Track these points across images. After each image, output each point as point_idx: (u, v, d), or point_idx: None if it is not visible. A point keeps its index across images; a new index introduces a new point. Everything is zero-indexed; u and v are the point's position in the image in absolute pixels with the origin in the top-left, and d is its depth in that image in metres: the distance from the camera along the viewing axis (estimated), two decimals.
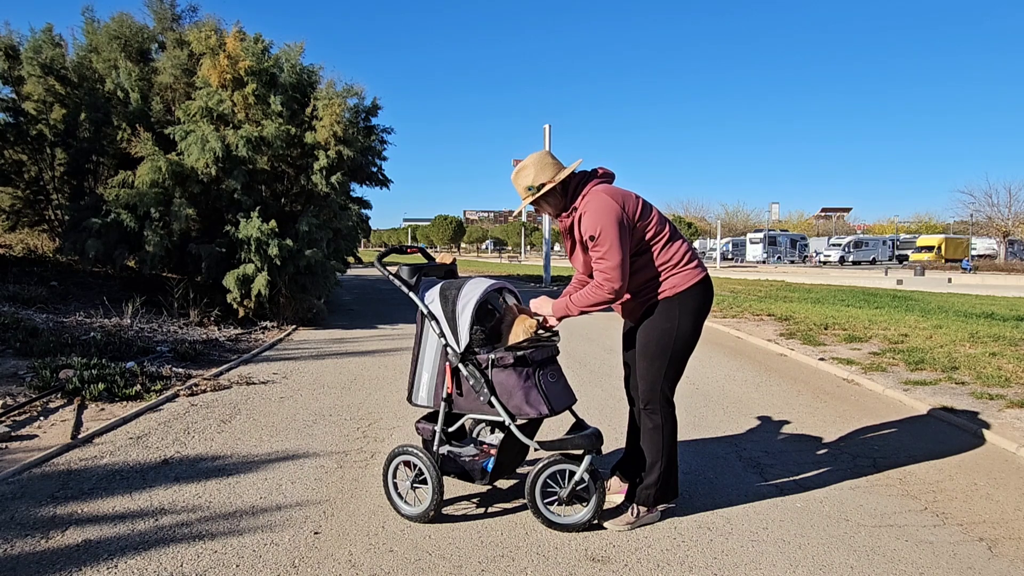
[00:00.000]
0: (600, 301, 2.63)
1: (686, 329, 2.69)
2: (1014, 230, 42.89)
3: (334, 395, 5.06)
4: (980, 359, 6.15)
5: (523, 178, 2.73)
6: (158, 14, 10.56)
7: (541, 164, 2.72)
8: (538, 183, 2.70)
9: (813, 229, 71.52)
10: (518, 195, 2.83)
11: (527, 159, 2.76)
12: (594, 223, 2.57)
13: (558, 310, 2.75)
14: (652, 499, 2.75)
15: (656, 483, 2.73)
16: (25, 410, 4.23)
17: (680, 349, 2.71)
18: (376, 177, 11.28)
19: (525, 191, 2.74)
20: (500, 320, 2.79)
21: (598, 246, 2.58)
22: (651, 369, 2.71)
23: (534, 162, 2.73)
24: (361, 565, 2.42)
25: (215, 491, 3.10)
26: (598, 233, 2.56)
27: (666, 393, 2.73)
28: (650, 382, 2.71)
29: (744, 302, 12.22)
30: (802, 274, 28.41)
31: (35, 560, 2.40)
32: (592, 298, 2.64)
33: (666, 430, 2.72)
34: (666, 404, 2.73)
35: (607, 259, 2.56)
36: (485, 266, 34.61)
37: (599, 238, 2.56)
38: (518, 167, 2.76)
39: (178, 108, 8.94)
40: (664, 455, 2.72)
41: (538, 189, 2.69)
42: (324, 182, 8.84)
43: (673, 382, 2.75)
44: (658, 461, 2.72)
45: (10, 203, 10.43)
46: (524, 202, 2.78)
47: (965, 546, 2.62)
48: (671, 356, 2.69)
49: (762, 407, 4.80)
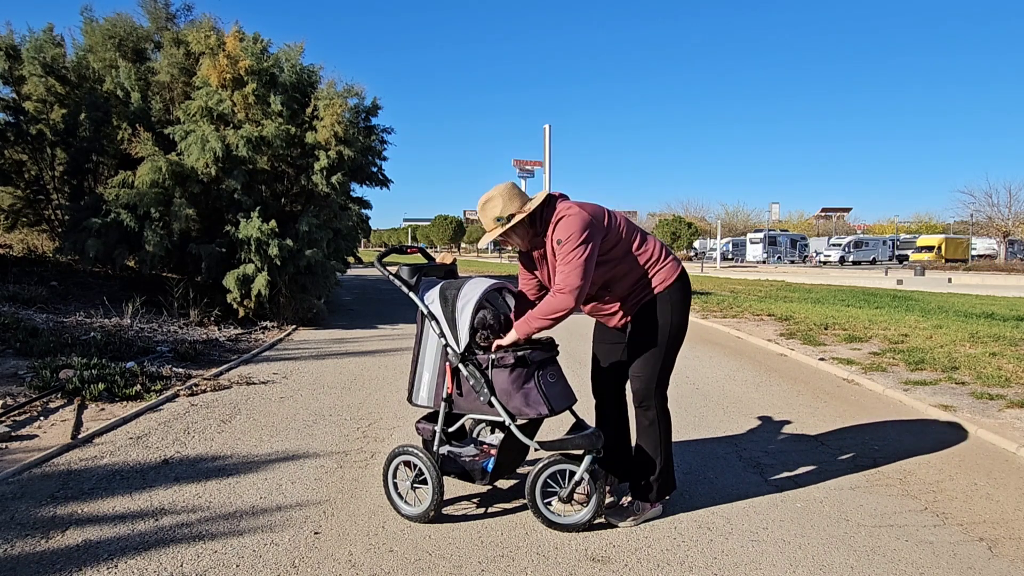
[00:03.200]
0: (560, 308, 2.55)
1: (678, 322, 2.75)
2: (1014, 230, 42.87)
3: (334, 395, 5.06)
4: (980, 359, 6.15)
5: (491, 209, 2.67)
6: (152, 14, 10.56)
7: (509, 195, 2.68)
8: (506, 214, 2.65)
9: (813, 229, 71.51)
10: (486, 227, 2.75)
11: (493, 190, 2.71)
12: (565, 229, 2.56)
13: (520, 329, 2.64)
14: (656, 494, 2.79)
15: (658, 478, 2.77)
16: (25, 410, 4.23)
17: (674, 343, 2.76)
18: (376, 177, 11.27)
19: (493, 222, 2.68)
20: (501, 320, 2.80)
21: (562, 250, 2.55)
22: (647, 366, 2.73)
23: (501, 193, 2.68)
24: (361, 565, 2.42)
25: (215, 491, 3.10)
26: (566, 237, 2.55)
27: (662, 388, 2.77)
28: (647, 379, 2.74)
29: (744, 302, 12.22)
30: (802, 274, 28.40)
31: (35, 560, 2.40)
32: (547, 308, 2.57)
33: (663, 425, 2.77)
34: (661, 399, 2.77)
35: (570, 263, 2.53)
36: (485, 266, 34.61)
37: (566, 242, 2.55)
38: (485, 198, 2.71)
39: (178, 108, 8.94)
40: (663, 449, 2.76)
41: (507, 220, 2.65)
42: (324, 182, 8.84)
43: (668, 377, 2.80)
44: (658, 456, 2.76)
45: (10, 203, 10.43)
46: (492, 233, 2.72)
47: (965, 546, 2.62)
48: (666, 351, 2.74)
49: (762, 407, 4.80)
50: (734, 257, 53.34)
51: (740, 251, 53.11)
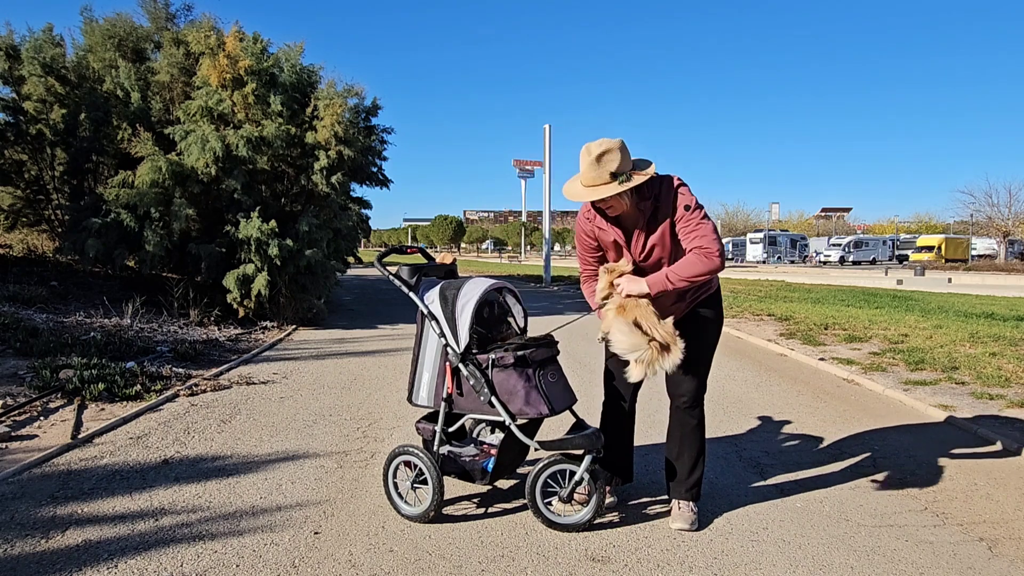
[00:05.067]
0: (706, 270, 2.41)
1: (723, 321, 2.84)
2: (1014, 230, 42.85)
3: (334, 395, 5.06)
4: (980, 359, 6.15)
5: (608, 162, 2.41)
6: (152, 14, 10.56)
7: (625, 151, 2.44)
8: (625, 171, 2.42)
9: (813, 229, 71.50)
10: (587, 180, 2.46)
11: (607, 142, 2.43)
12: (687, 197, 2.48)
13: (655, 284, 2.49)
14: (698, 493, 2.84)
15: (701, 477, 2.83)
16: (25, 410, 4.23)
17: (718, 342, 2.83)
18: (376, 177, 11.28)
19: (608, 176, 2.41)
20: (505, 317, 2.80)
21: (693, 215, 2.44)
22: (701, 368, 2.77)
23: (620, 147, 2.43)
24: (361, 565, 2.42)
25: (215, 491, 3.10)
26: (694, 204, 2.46)
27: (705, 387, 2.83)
28: (699, 381, 2.78)
29: (744, 302, 12.21)
30: (802, 274, 28.39)
31: (35, 560, 2.40)
32: (696, 267, 2.42)
33: (704, 425, 2.84)
34: (703, 400, 2.83)
35: (704, 225, 2.43)
36: (485, 266, 34.60)
37: (694, 208, 2.46)
38: (601, 149, 2.41)
39: (177, 108, 8.94)
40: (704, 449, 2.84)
41: (627, 177, 2.42)
42: (324, 182, 8.84)
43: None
44: (703, 455, 2.82)
45: (10, 203, 10.43)
46: (605, 190, 2.43)
47: (965, 546, 2.62)
48: (715, 350, 2.81)
49: (762, 407, 4.80)
50: (734, 257, 53.32)
51: (740, 251, 53.11)
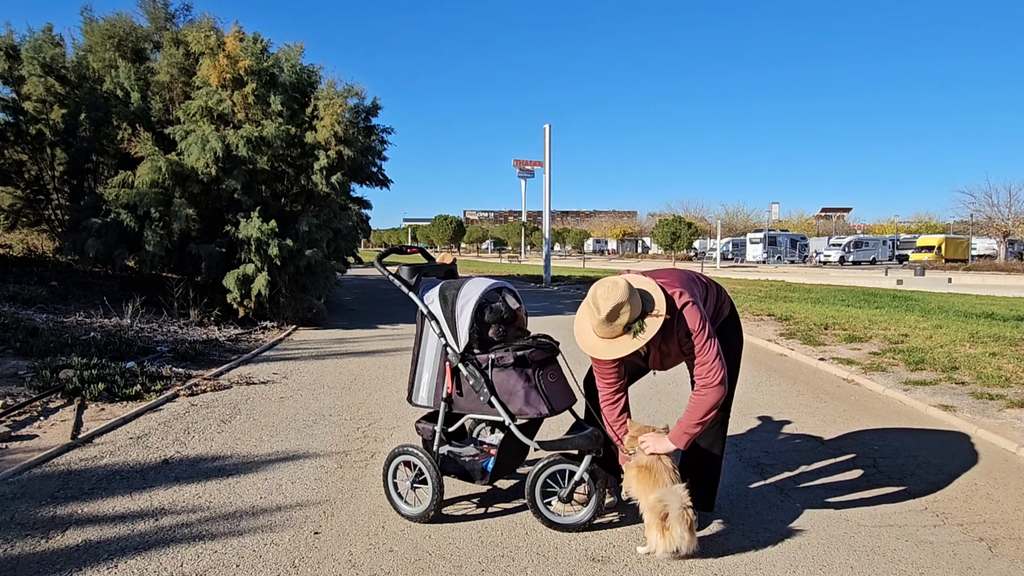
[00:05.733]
0: (714, 404, 2.43)
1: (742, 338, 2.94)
2: (1014, 230, 42.82)
3: (334, 395, 5.06)
4: (980, 359, 6.15)
5: (621, 317, 2.40)
6: (151, 14, 10.56)
7: (632, 296, 2.40)
8: (637, 316, 2.42)
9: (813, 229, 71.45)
10: (603, 334, 2.45)
11: (613, 294, 2.38)
12: (692, 319, 2.46)
13: (677, 440, 2.50)
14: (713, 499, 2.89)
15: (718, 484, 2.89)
16: (25, 410, 4.23)
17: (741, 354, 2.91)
18: (376, 177, 11.28)
19: (622, 330, 2.42)
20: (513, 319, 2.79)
21: (697, 339, 2.45)
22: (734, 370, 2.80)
23: (626, 295, 2.38)
24: (361, 565, 2.42)
25: (215, 491, 3.10)
26: (697, 327, 2.45)
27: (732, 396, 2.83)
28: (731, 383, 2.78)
29: (744, 302, 12.21)
30: (802, 274, 28.38)
31: (35, 560, 2.40)
32: (706, 405, 2.43)
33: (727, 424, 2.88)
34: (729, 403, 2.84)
35: (707, 353, 2.44)
36: (485, 266, 34.59)
37: (697, 333, 2.45)
38: (607, 307, 2.37)
39: (177, 108, 8.94)
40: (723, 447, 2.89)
41: (641, 327, 2.41)
42: (324, 182, 8.84)
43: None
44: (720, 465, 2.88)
45: (10, 203, 10.43)
46: (625, 346, 2.43)
47: (965, 546, 2.62)
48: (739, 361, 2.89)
49: (762, 407, 4.80)
50: (734, 257, 53.32)
51: (740, 251, 53.09)
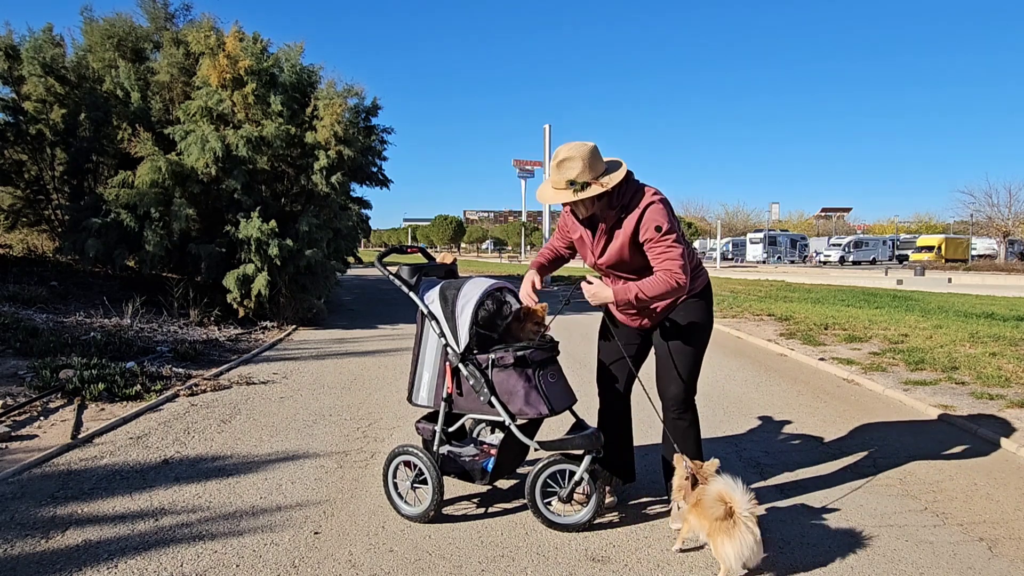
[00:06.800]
0: (667, 292, 2.47)
1: (711, 324, 2.80)
2: (1014, 230, 42.83)
3: (334, 395, 5.06)
4: (980, 359, 6.15)
5: (566, 170, 2.47)
6: (151, 14, 10.56)
7: (590, 160, 2.46)
8: (583, 180, 2.46)
9: (813, 229, 71.47)
10: (551, 184, 2.54)
11: (573, 148, 2.47)
12: (660, 217, 2.48)
13: (620, 295, 2.54)
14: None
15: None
16: (25, 410, 4.23)
17: (707, 344, 2.79)
18: (376, 177, 11.28)
19: (565, 184, 2.48)
20: (514, 318, 2.79)
21: (665, 238, 2.47)
22: (688, 368, 2.74)
23: (583, 155, 2.45)
24: (361, 565, 2.42)
25: (215, 491, 3.10)
26: (666, 226, 2.47)
27: (695, 390, 2.80)
28: (687, 382, 2.75)
29: (744, 302, 12.21)
30: (802, 274, 28.39)
31: (35, 560, 2.40)
32: (660, 288, 2.47)
33: (697, 424, 2.81)
34: (693, 400, 2.80)
35: (674, 249, 2.46)
36: (485, 266, 34.60)
37: (666, 231, 2.47)
38: (563, 155, 2.47)
39: (177, 108, 8.94)
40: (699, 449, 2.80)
41: (582, 187, 2.47)
42: (324, 182, 8.84)
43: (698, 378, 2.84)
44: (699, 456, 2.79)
45: (10, 203, 10.44)
46: (559, 196, 2.52)
47: (965, 546, 2.62)
48: (703, 352, 2.78)
49: (762, 407, 4.80)
50: (734, 257, 53.32)
51: (740, 251, 53.10)
